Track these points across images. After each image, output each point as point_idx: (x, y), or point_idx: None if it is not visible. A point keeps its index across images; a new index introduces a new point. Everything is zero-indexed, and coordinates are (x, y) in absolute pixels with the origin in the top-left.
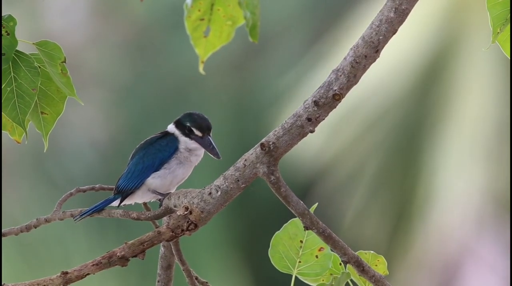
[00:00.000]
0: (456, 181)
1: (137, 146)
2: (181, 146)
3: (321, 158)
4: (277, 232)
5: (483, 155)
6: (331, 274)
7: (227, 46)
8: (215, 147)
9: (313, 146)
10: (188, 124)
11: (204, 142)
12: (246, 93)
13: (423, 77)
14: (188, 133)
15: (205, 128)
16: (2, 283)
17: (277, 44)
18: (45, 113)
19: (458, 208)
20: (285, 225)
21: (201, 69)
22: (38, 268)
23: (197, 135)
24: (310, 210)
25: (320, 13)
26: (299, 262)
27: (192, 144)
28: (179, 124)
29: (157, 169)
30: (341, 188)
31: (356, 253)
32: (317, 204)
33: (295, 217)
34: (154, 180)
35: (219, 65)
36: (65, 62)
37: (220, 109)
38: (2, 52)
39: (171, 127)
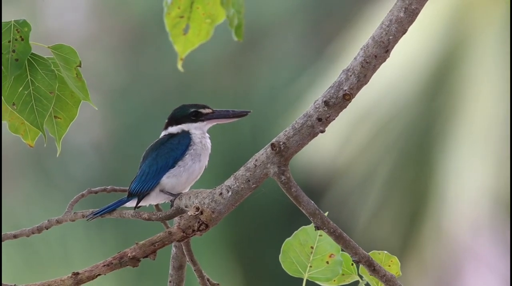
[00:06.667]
0: (468, 181)
1: (147, 148)
2: (196, 136)
3: (334, 162)
4: (287, 239)
5: (493, 156)
6: (343, 274)
7: (225, 44)
8: (234, 110)
9: (326, 150)
10: (191, 110)
11: (221, 114)
12: (244, 91)
13: (432, 78)
14: (197, 118)
15: (207, 106)
16: (14, 285)
17: (274, 41)
18: (58, 118)
19: (466, 209)
20: (295, 232)
21: (179, 66)
22: (38, 267)
23: (208, 113)
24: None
25: (316, 9)
26: (310, 266)
27: (207, 124)
28: (178, 120)
29: (171, 167)
30: (355, 191)
31: (369, 253)
32: (327, 212)
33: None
34: (169, 180)
35: (216, 64)
36: (80, 66)
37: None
38: (16, 57)
39: (172, 129)
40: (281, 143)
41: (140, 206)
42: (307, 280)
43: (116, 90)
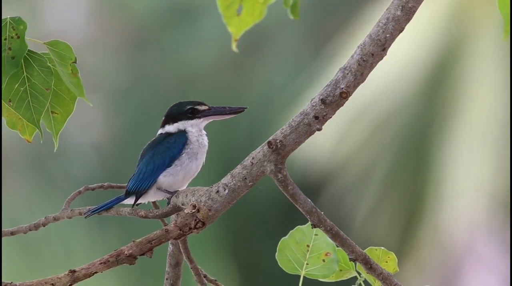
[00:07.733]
0: (465, 181)
1: (145, 147)
2: (193, 135)
3: (332, 160)
4: (283, 238)
5: (491, 155)
6: (340, 270)
7: (225, 45)
8: (230, 106)
9: (323, 147)
10: (187, 107)
11: (218, 110)
12: (243, 91)
13: (431, 77)
14: (193, 115)
15: (203, 102)
16: (11, 283)
17: (272, 41)
18: (55, 113)
19: (463, 208)
20: (291, 231)
21: (234, 47)
22: (38, 266)
23: (204, 109)
24: None
25: (314, 9)
26: (307, 264)
27: (204, 121)
28: (175, 117)
29: (168, 166)
30: (352, 188)
31: (366, 249)
32: (322, 212)
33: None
34: (166, 178)
35: (216, 64)
36: (75, 62)
37: None
38: (12, 55)
39: (169, 127)
40: (277, 141)
41: (139, 204)
42: (304, 277)
43: (117, 90)
